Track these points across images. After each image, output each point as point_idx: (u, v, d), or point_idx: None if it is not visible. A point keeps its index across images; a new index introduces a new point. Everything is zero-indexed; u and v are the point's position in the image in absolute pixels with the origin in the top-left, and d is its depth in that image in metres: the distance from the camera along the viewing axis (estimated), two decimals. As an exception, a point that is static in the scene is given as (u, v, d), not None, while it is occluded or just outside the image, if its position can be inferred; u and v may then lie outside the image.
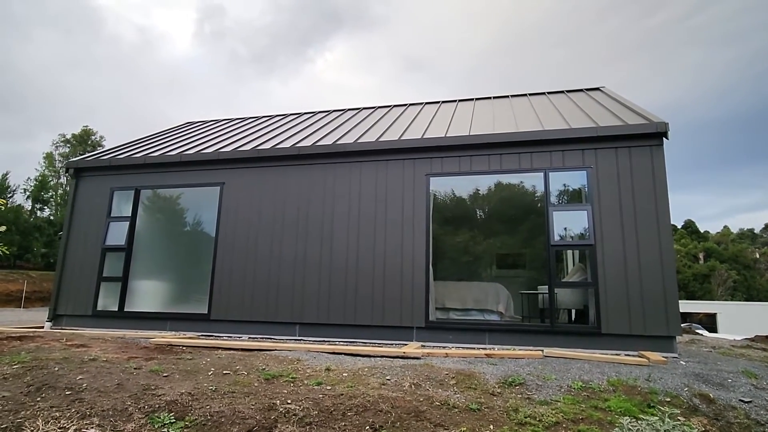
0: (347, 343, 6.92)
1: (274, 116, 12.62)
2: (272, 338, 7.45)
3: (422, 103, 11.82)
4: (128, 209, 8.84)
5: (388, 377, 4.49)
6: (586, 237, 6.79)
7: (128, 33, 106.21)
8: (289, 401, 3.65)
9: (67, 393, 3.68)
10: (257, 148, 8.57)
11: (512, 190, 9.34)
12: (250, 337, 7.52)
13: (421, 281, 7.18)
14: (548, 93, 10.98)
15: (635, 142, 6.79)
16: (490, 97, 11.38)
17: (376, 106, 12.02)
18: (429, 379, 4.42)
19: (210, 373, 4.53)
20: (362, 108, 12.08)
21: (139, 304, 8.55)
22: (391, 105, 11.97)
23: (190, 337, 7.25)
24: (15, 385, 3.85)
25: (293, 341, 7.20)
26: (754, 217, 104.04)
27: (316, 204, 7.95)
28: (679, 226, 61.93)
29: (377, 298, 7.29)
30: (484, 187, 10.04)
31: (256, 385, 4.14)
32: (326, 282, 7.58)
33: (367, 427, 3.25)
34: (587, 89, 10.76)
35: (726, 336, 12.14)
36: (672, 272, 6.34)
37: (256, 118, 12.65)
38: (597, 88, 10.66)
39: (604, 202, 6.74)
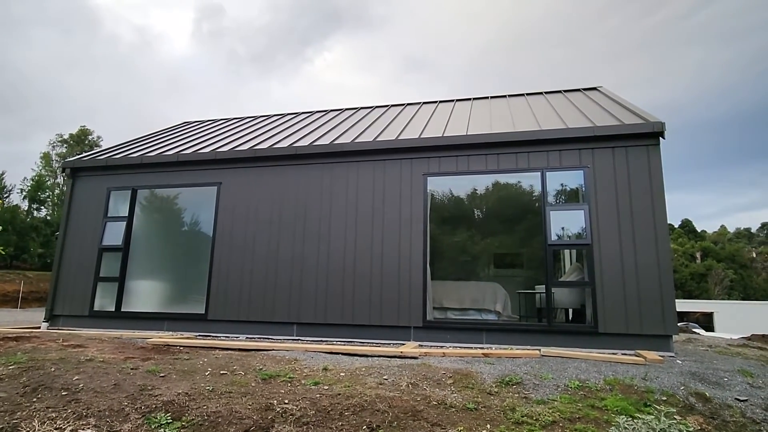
0: (345, 343, 6.92)
1: (271, 116, 12.61)
2: (270, 338, 7.44)
3: (420, 102, 11.83)
4: (125, 209, 8.82)
5: (386, 377, 4.49)
6: (583, 236, 6.81)
7: (126, 33, 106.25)
8: (286, 401, 3.65)
9: (64, 393, 3.68)
10: (254, 148, 8.57)
11: (510, 190, 9.35)
12: (247, 337, 7.51)
13: (419, 281, 7.19)
14: (545, 93, 11.00)
15: (632, 142, 6.81)
16: (487, 97, 11.40)
17: (374, 106, 12.02)
18: (426, 379, 4.43)
19: (207, 374, 4.53)
20: (360, 108, 12.08)
21: (136, 304, 8.53)
22: (389, 105, 11.97)
23: (188, 338, 7.24)
24: (11, 386, 3.84)
25: (291, 341, 7.20)
26: (752, 217, 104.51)
27: (313, 204, 7.94)
28: (677, 226, 62.15)
29: (375, 298, 7.29)
30: (482, 187, 10.05)
31: (253, 385, 4.13)
32: (323, 282, 7.58)
33: (364, 427, 3.25)
34: (584, 89, 10.78)
35: (723, 335, 12.18)
36: (668, 271, 6.36)
37: (254, 118, 12.63)
38: (594, 88, 10.68)
39: (601, 201, 6.76)
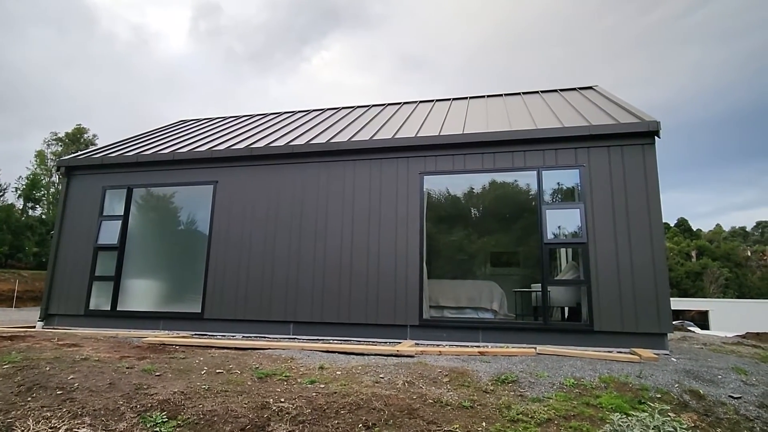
0: (341, 342, 6.92)
1: (268, 114, 12.59)
2: (266, 337, 7.44)
3: (416, 101, 11.82)
4: (121, 208, 8.79)
5: (382, 375, 4.49)
6: (578, 235, 6.83)
7: (123, 31, 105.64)
8: (282, 400, 3.65)
9: (59, 393, 3.66)
10: (251, 147, 8.55)
11: (506, 189, 9.37)
12: (243, 336, 7.50)
13: (415, 279, 7.19)
14: (542, 92, 11.02)
15: (627, 141, 6.83)
16: (483, 96, 11.41)
17: (371, 105, 12.01)
18: (422, 377, 4.44)
19: (203, 372, 4.52)
20: (356, 106, 12.06)
21: (131, 303, 8.51)
22: (386, 103, 11.97)
23: (183, 336, 7.22)
24: (5, 385, 3.82)
25: (287, 340, 7.20)
26: (747, 215, 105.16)
27: (309, 203, 7.94)
28: (672, 224, 62.40)
29: (371, 297, 7.30)
30: (478, 186, 10.07)
31: (249, 383, 4.13)
32: (320, 281, 7.57)
33: (360, 425, 3.25)
34: (580, 88, 10.80)
35: (717, 333, 12.26)
36: (664, 270, 6.39)
37: (250, 117, 12.60)
38: (590, 87, 10.70)
39: (596, 200, 6.78)
